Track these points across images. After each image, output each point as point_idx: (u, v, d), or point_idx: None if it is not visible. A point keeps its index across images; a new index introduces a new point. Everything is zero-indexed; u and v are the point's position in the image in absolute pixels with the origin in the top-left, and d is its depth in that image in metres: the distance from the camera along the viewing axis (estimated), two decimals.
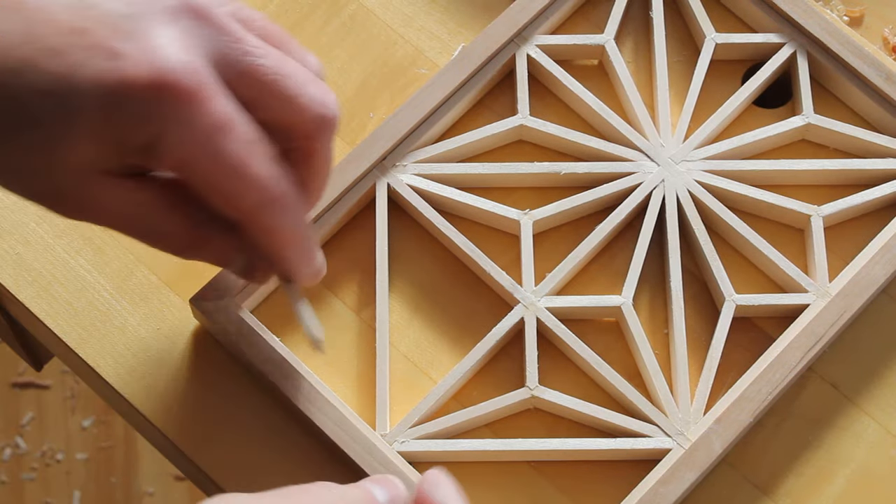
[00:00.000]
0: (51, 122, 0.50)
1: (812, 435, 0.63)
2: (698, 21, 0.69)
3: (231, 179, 0.52)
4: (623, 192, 0.66)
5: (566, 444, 0.61)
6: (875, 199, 0.66)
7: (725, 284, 0.64)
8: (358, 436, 0.60)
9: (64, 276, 0.65)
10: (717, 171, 0.66)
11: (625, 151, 0.67)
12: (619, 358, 0.64)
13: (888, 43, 0.70)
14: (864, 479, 0.62)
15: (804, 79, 0.68)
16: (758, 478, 0.62)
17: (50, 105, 0.50)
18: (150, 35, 0.50)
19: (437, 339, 0.65)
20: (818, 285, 0.64)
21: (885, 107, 0.67)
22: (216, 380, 0.63)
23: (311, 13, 0.71)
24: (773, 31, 0.69)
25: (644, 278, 0.65)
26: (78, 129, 0.50)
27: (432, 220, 0.65)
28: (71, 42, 0.50)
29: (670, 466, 0.60)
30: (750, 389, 0.61)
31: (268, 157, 0.53)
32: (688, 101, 0.68)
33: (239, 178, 0.52)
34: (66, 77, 0.49)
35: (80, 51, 0.50)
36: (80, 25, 0.50)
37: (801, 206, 0.66)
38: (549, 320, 0.63)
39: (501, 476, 0.62)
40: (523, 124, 0.67)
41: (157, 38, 0.50)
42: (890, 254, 0.64)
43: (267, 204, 0.53)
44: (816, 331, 0.63)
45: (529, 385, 0.62)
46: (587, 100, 0.68)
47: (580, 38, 0.69)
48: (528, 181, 0.67)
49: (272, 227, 0.54)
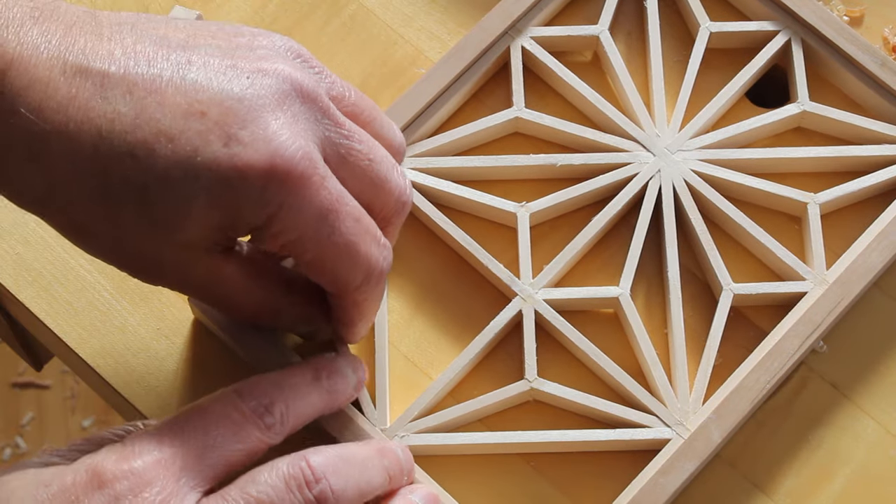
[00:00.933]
0: (164, 204, 0.51)
1: (812, 435, 0.63)
2: (693, 10, 0.69)
3: (342, 258, 0.54)
4: (619, 183, 0.66)
5: (566, 436, 0.61)
6: (871, 185, 0.66)
7: (723, 273, 0.64)
8: (358, 430, 0.60)
9: (64, 276, 0.65)
10: (713, 161, 0.66)
11: (620, 142, 0.67)
12: (618, 349, 0.64)
13: (888, 43, 0.70)
14: (863, 478, 0.62)
15: (799, 66, 0.68)
16: (757, 477, 0.62)
17: (165, 189, 0.50)
18: (264, 120, 0.51)
19: (436, 338, 0.65)
20: (815, 273, 0.64)
21: (881, 93, 0.67)
22: (216, 379, 0.63)
23: (311, 13, 0.71)
24: (768, 19, 0.69)
25: (641, 269, 0.65)
26: (193, 213, 0.51)
27: (429, 213, 0.65)
28: (185, 126, 0.50)
29: (670, 457, 0.60)
30: (748, 378, 0.62)
31: (373, 235, 0.55)
32: (683, 91, 0.68)
33: (350, 256, 0.54)
34: (182, 162, 0.50)
35: (196, 136, 0.50)
36: (195, 109, 0.50)
37: (797, 194, 0.66)
38: (547, 312, 0.63)
39: (501, 470, 0.62)
40: (519, 116, 0.67)
41: (271, 123, 0.51)
42: (887, 240, 0.64)
43: (372, 280, 0.55)
44: (814, 319, 0.63)
45: (528, 377, 0.62)
46: (582, 91, 0.68)
47: (575, 30, 0.69)
48: (525, 173, 0.67)
49: (366, 300, 0.57)
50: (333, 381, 0.57)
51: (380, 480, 0.55)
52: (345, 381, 0.58)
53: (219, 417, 0.52)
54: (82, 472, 0.51)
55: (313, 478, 0.52)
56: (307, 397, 0.56)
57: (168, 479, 0.50)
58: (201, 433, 0.52)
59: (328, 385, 0.57)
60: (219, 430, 0.52)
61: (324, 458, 0.53)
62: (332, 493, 0.52)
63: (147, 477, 0.50)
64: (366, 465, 0.54)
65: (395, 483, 0.56)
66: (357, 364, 0.59)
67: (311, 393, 0.56)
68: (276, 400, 0.54)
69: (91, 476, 0.50)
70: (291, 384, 0.55)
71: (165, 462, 0.51)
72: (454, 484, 0.61)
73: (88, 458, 0.52)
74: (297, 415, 0.55)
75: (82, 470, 0.51)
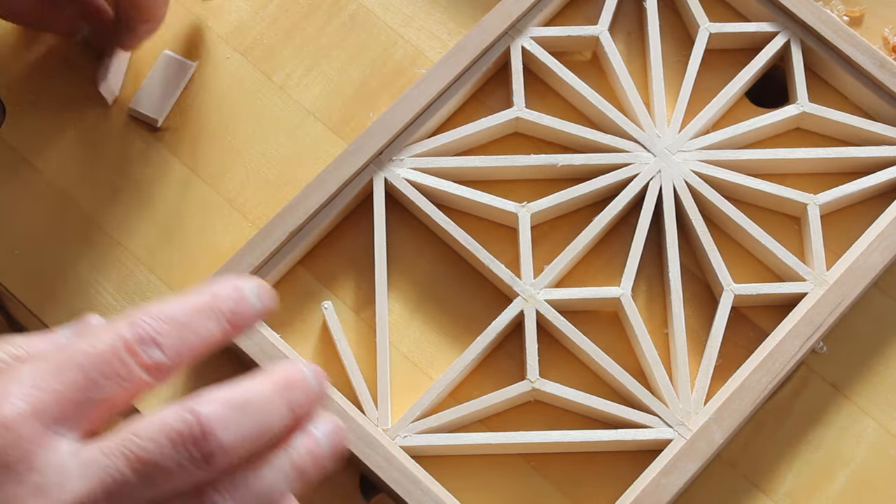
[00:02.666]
0: None
1: (812, 435, 0.63)
2: (692, 11, 0.70)
3: None
4: (620, 184, 0.66)
5: (567, 437, 0.61)
6: (871, 186, 0.66)
7: (723, 274, 0.64)
8: (360, 431, 0.60)
9: (64, 276, 0.65)
10: (713, 161, 0.66)
11: (621, 142, 0.67)
12: (619, 349, 0.64)
13: (888, 43, 0.70)
14: (864, 478, 0.62)
15: (798, 67, 0.68)
16: (758, 477, 0.62)
17: None
18: None
19: (436, 338, 0.65)
20: (815, 274, 0.64)
21: (880, 94, 0.68)
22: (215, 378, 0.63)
23: (312, 13, 0.71)
24: (767, 20, 0.70)
25: (642, 269, 0.66)
26: None
27: (430, 213, 0.65)
28: None
29: (672, 457, 0.60)
30: (750, 379, 0.62)
31: None
32: (683, 91, 0.68)
33: None
34: None
35: None
36: None
37: (797, 195, 0.66)
38: (548, 312, 0.63)
39: (502, 471, 0.62)
40: (519, 117, 0.67)
41: None
42: (887, 241, 0.65)
43: None
44: (815, 319, 0.63)
45: (530, 378, 0.62)
46: (582, 91, 0.68)
47: (574, 30, 0.69)
48: (525, 174, 0.67)
49: None
50: (233, 303, 0.49)
51: (281, 422, 0.48)
52: (246, 302, 0.49)
53: (101, 355, 0.46)
54: None
55: (201, 433, 0.46)
56: (202, 327, 0.48)
57: (37, 426, 0.45)
58: (79, 371, 0.46)
59: (227, 309, 0.49)
60: (100, 369, 0.46)
61: (214, 408, 0.46)
62: (223, 449, 0.46)
63: (14, 424, 0.45)
64: (265, 409, 0.48)
65: (302, 416, 0.49)
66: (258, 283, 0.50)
67: (207, 321, 0.48)
68: (165, 332, 0.47)
69: None
70: (185, 311, 0.47)
71: (36, 406, 0.45)
72: (455, 484, 0.61)
73: None
74: (190, 349, 0.47)
75: None
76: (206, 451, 0.46)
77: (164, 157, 0.68)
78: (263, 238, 0.64)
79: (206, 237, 0.66)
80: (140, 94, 0.68)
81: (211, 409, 0.46)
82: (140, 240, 0.66)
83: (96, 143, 0.68)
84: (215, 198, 0.67)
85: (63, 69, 0.69)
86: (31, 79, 0.69)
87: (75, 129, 0.68)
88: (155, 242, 0.66)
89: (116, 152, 0.68)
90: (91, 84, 0.69)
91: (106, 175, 0.67)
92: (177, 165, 0.68)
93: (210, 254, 0.66)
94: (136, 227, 0.66)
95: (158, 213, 0.67)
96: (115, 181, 0.67)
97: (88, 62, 0.69)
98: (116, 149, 0.68)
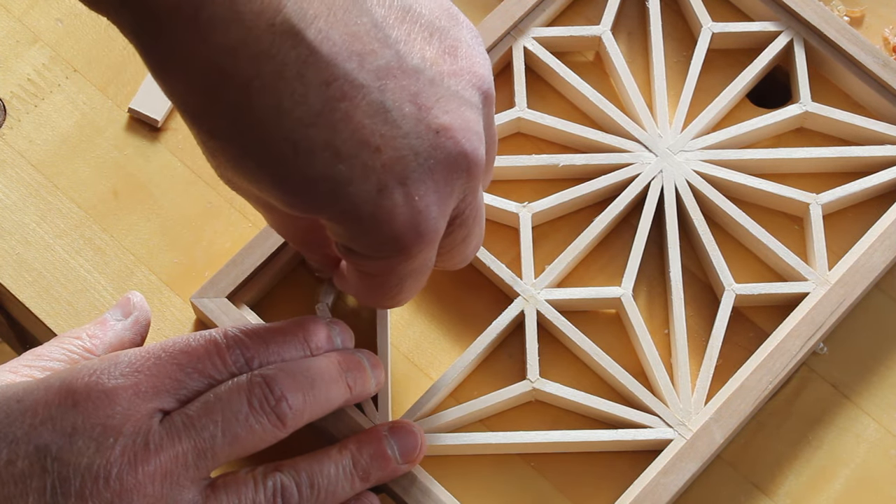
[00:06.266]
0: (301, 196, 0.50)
1: (812, 435, 0.63)
2: (694, 11, 0.69)
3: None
4: (621, 184, 0.66)
5: (567, 437, 0.61)
6: (873, 186, 0.66)
7: (725, 274, 0.64)
8: (360, 430, 0.60)
9: (64, 276, 0.65)
10: (715, 161, 0.66)
11: (622, 142, 0.67)
12: (619, 349, 0.64)
13: (888, 43, 0.70)
14: (864, 478, 0.62)
15: (801, 67, 0.68)
16: (758, 477, 0.62)
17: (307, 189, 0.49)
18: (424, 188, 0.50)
19: (436, 338, 0.65)
20: (817, 273, 0.64)
21: (883, 94, 0.67)
22: None
23: None
24: (770, 19, 0.69)
25: (643, 269, 0.65)
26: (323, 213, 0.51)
27: None
28: (356, 152, 0.48)
29: (672, 457, 0.60)
30: (751, 379, 0.61)
31: None
32: (685, 91, 0.68)
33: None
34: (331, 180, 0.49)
35: (360, 167, 0.48)
36: (374, 141, 0.48)
37: (799, 195, 0.66)
38: (549, 313, 0.63)
39: (502, 471, 0.62)
40: (521, 117, 0.67)
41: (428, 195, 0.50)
42: (889, 241, 0.64)
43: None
44: (816, 319, 0.63)
45: (530, 378, 0.62)
46: (584, 91, 0.68)
47: (577, 30, 0.69)
48: (527, 173, 0.67)
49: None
50: (354, 375, 0.58)
51: (341, 397, 0.57)
52: (365, 376, 0.58)
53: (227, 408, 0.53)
54: (55, 389, 0.51)
55: (276, 398, 0.53)
56: (328, 392, 0.56)
57: (135, 399, 0.52)
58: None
59: (350, 380, 0.57)
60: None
61: (282, 374, 0.54)
62: (291, 410, 0.54)
63: (116, 398, 0.51)
64: (328, 385, 0.56)
65: (358, 395, 0.58)
66: (375, 361, 0.60)
67: (332, 387, 0.56)
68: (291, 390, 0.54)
69: (65, 394, 0.51)
70: (314, 375, 0.55)
71: (137, 387, 0.52)
72: (456, 484, 0.61)
73: (62, 374, 0.52)
74: (313, 410, 0.55)
75: (55, 386, 0.51)
76: (280, 412, 0.53)
77: (164, 157, 0.68)
78: (264, 239, 0.64)
79: (206, 237, 0.66)
80: (140, 94, 0.68)
81: (277, 373, 0.54)
82: (140, 240, 0.66)
83: (96, 143, 0.68)
84: (215, 198, 0.67)
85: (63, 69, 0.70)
86: (31, 78, 0.69)
87: (75, 128, 0.68)
88: (155, 242, 0.66)
89: (116, 152, 0.68)
90: (92, 85, 0.69)
91: (106, 175, 0.67)
92: (177, 165, 0.68)
93: (210, 254, 0.66)
94: (136, 227, 0.66)
95: (158, 213, 0.67)
96: (115, 181, 0.67)
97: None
98: (116, 149, 0.68)
